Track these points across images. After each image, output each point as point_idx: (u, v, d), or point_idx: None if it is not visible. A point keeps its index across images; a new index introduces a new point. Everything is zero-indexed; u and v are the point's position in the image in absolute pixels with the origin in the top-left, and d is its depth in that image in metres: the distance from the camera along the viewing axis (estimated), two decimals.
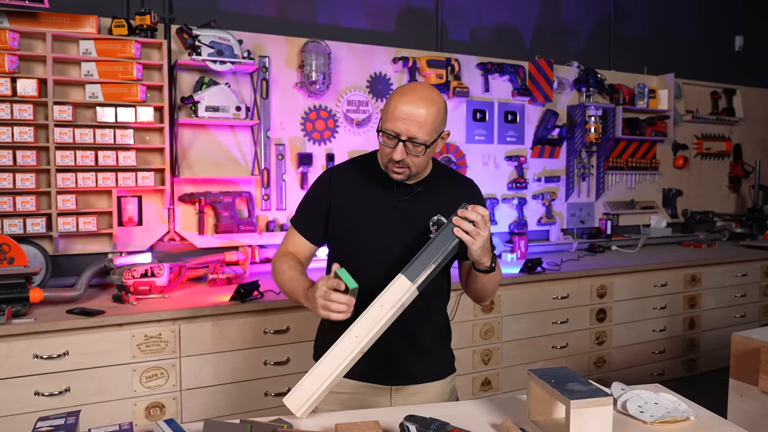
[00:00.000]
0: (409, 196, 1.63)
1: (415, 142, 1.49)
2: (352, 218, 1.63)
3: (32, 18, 2.74)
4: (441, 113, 1.53)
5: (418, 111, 1.48)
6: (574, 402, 1.13)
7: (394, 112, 1.49)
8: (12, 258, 2.52)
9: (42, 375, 2.33)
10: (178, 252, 3.17)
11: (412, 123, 1.47)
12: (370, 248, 1.61)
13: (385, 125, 1.51)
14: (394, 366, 1.64)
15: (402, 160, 1.51)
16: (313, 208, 1.68)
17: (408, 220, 1.62)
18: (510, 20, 4.24)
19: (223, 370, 2.63)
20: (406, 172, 1.55)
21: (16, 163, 2.70)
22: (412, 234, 1.61)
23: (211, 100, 3.05)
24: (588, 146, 4.32)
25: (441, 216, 1.54)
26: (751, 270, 4.30)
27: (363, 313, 1.38)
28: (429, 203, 1.63)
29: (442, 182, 1.69)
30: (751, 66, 5.41)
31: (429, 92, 1.52)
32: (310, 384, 1.32)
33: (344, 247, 1.65)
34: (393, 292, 1.39)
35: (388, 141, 1.52)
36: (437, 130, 1.53)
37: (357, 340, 1.36)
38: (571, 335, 3.55)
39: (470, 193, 1.73)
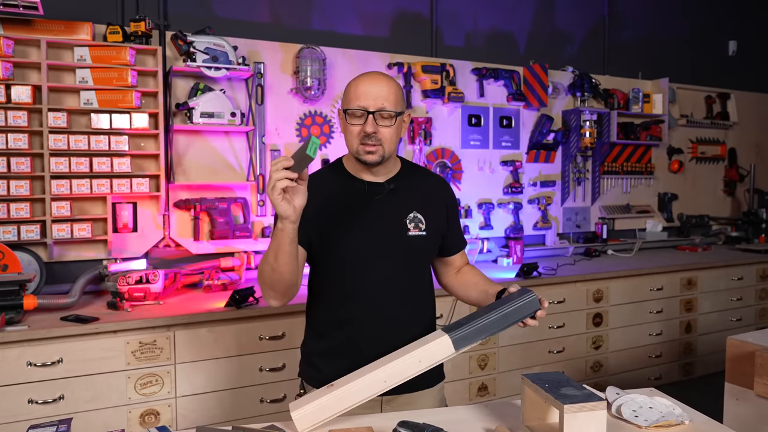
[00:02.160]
0: (382, 194, 1.62)
1: (383, 113, 1.51)
2: (327, 223, 1.59)
3: (26, 25, 2.74)
4: (400, 91, 1.58)
5: (380, 85, 1.53)
6: (567, 407, 1.13)
7: (357, 90, 1.53)
8: (6, 265, 2.51)
9: (36, 383, 2.32)
10: (174, 258, 3.16)
11: (378, 96, 1.51)
12: (349, 251, 1.59)
13: (351, 104, 1.53)
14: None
15: (374, 133, 1.51)
16: None
17: (384, 218, 1.61)
18: (504, 25, 4.26)
19: (218, 377, 2.62)
20: (379, 150, 1.54)
21: (11, 170, 2.70)
22: (390, 232, 1.60)
23: (206, 106, 3.05)
24: (583, 151, 4.33)
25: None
26: (746, 273, 4.30)
27: (397, 360, 1.35)
28: (403, 200, 1.63)
29: (412, 178, 1.69)
30: (745, 70, 5.44)
31: (384, 73, 1.60)
32: (325, 408, 1.30)
33: (321, 251, 1.61)
34: (434, 351, 1.35)
35: (356, 120, 1.53)
36: (401, 105, 1.56)
37: (384, 384, 1.33)
38: (568, 339, 3.55)
39: (442, 190, 1.74)
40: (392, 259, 1.60)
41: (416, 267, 1.68)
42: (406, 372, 1.32)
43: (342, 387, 1.33)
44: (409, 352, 1.36)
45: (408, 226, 1.61)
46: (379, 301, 1.59)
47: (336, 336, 1.63)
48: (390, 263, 1.59)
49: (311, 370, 1.68)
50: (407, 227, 1.61)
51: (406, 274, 1.63)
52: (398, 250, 1.60)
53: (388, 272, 1.59)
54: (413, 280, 1.67)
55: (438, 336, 1.37)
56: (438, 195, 1.71)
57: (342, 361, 1.60)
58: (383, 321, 1.60)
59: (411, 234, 1.60)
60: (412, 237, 1.61)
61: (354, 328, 1.60)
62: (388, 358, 1.39)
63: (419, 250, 1.65)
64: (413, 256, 1.64)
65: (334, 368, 1.60)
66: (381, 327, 1.60)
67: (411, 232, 1.60)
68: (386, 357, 1.40)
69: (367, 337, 1.59)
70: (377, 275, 1.58)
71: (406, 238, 1.60)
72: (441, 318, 3.10)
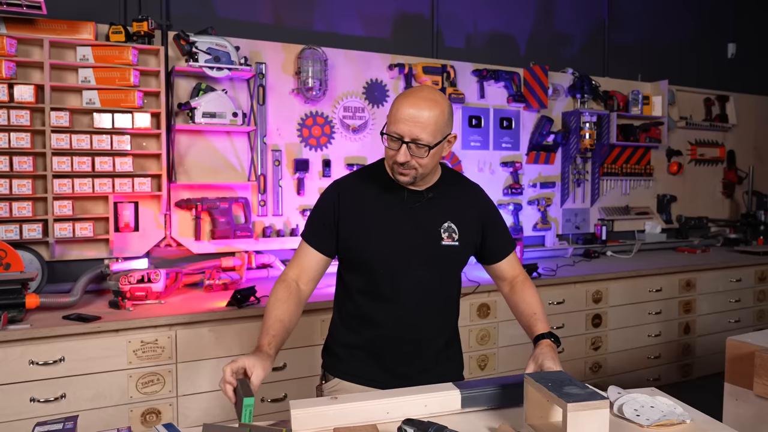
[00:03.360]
0: (421, 202, 1.63)
1: (418, 144, 1.49)
2: (363, 228, 1.62)
3: (29, 24, 2.75)
4: (445, 115, 1.53)
5: (420, 113, 1.48)
6: (571, 405, 1.14)
7: (397, 114, 1.50)
8: (8, 264, 2.52)
9: (38, 381, 2.32)
10: (175, 258, 3.17)
11: (415, 125, 1.48)
12: (384, 257, 1.61)
13: (389, 128, 1.52)
14: (402, 373, 1.64)
15: (406, 162, 1.51)
16: (322, 221, 1.66)
17: (420, 226, 1.62)
18: (505, 27, 4.27)
19: (219, 376, 2.60)
20: (412, 173, 1.55)
21: (13, 169, 2.70)
22: (424, 241, 1.62)
23: (208, 106, 3.06)
24: (583, 152, 4.34)
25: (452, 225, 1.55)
26: (745, 275, 4.32)
27: (405, 397, 1.38)
28: (440, 209, 1.64)
29: (450, 187, 1.70)
30: (744, 73, 5.46)
31: (432, 94, 1.53)
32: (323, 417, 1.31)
33: (358, 258, 1.64)
34: (441, 402, 1.40)
35: (392, 144, 1.53)
36: (441, 132, 1.53)
37: (386, 415, 1.35)
38: (567, 340, 3.56)
39: (476, 199, 1.75)
40: (425, 267, 1.62)
41: (447, 276, 1.70)
42: (410, 411, 1.34)
43: (345, 403, 1.35)
44: (419, 394, 1.40)
45: (442, 236, 1.62)
46: (410, 307, 1.62)
47: (363, 334, 1.66)
48: (422, 271, 1.62)
49: (334, 361, 1.72)
50: (441, 237, 1.62)
51: (437, 282, 1.66)
52: (432, 258, 1.63)
53: (420, 280, 1.62)
54: (443, 289, 1.70)
55: (449, 389, 1.42)
56: (473, 205, 1.72)
57: (364, 358, 1.66)
58: (411, 327, 1.63)
59: (444, 244, 1.62)
60: (446, 246, 1.63)
61: (382, 330, 1.64)
62: (397, 392, 1.42)
63: (451, 260, 1.67)
64: (445, 265, 1.67)
65: (356, 363, 1.67)
66: (408, 332, 1.63)
67: (444, 242, 1.62)
68: (396, 390, 1.44)
69: (392, 339, 1.64)
70: (409, 282, 1.61)
71: (440, 248, 1.62)
72: None
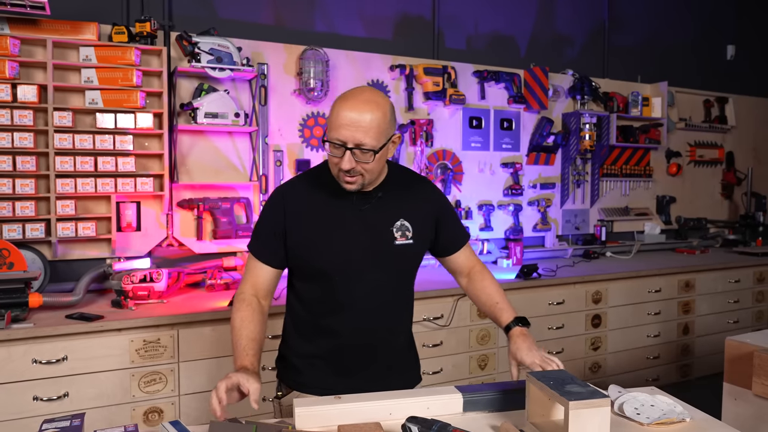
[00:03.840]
0: (370, 203, 1.57)
1: (362, 149, 1.43)
2: (312, 236, 1.55)
3: (33, 25, 2.76)
4: (387, 116, 1.46)
5: (362, 116, 1.41)
6: (572, 403, 1.15)
7: (338, 119, 1.42)
8: (11, 263, 2.53)
9: (41, 380, 2.34)
10: (176, 257, 3.18)
11: (357, 129, 1.41)
12: (336, 264, 1.55)
13: (330, 135, 1.45)
14: (364, 380, 1.58)
15: (351, 168, 1.44)
16: (271, 232, 1.59)
17: (371, 228, 1.56)
18: (505, 29, 4.29)
19: (221, 375, 2.60)
20: (359, 180, 1.48)
21: (16, 169, 2.72)
22: (377, 242, 1.56)
23: (210, 106, 3.07)
24: (583, 153, 4.36)
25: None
26: (743, 276, 4.34)
27: (408, 398, 1.39)
28: (391, 208, 1.59)
29: (400, 185, 1.63)
30: (743, 75, 5.48)
31: (373, 95, 1.46)
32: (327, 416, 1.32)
33: (308, 267, 1.58)
34: (443, 404, 1.41)
35: (335, 151, 1.45)
36: (385, 135, 1.46)
37: (389, 416, 1.35)
38: (567, 341, 3.58)
39: (430, 195, 1.69)
40: (380, 269, 1.57)
41: (403, 276, 1.66)
42: (413, 413, 1.34)
43: (349, 403, 1.36)
44: (421, 396, 1.41)
45: (395, 235, 1.57)
46: (367, 312, 1.57)
47: (320, 344, 1.61)
48: (378, 274, 1.57)
49: (292, 373, 1.66)
50: (394, 236, 1.57)
51: (393, 284, 1.62)
52: (386, 260, 1.57)
53: (376, 284, 1.57)
54: (400, 289, 1.66)
55: (452, 392, 1.43)
56: (425, 200, 1.67)
57: (324, 367, 1.60)
58: (370, 332, 1.59)
59: (398, 243, 1.58)
60: (400, 246, 1.58)
61: (339, 339, 1.58)
62: (400, 393, 1.43)
63: (406, 259, 1.63)
64: (401, 265, 1.62)
65: (315, 374, 1.61)
66: (367, 337, 1.59)
67: (398, 241, 1.58)
68: (399, 392, 1.45)
69: (352, 346, 1.59)
70: (364, 287, 1.56)
71: (394, 248, 1.57)
72: (442, 318, 3.14)
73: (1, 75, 2.66)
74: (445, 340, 3.16)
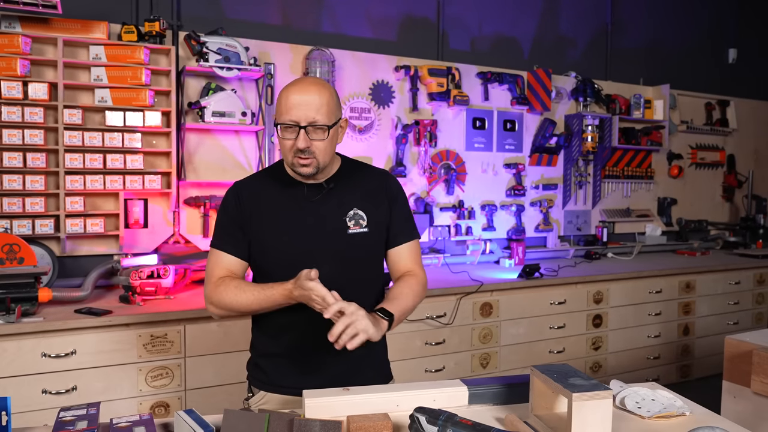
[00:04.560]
0: (321, 194, 1.58)
1: (315, 126, 1.47)
2: (265, 230, 1.56)
3: (44, 23, 2.80)
4: (334, 97, 1.52)
5: (310, 96, 1.47)
6: (576, 395, 1.18)
7: (287, 102, 1.47)
8: (22, 258, 2.56)
9: (50, 373, 2.37)
10: (183, 254, 3.21)
11: (309, 107, 1.46)
12: (289, 256, 1.54)
13: (282, 117, 1.48)
14: (329, 379, 1.51)
15: (307, 148, 1.47)
16: (230, 224, 1.58)
17: (323, 219, 1.57)
18: (509, 31, 4.32)
19: (226, 371, 2.67)
20: (313, 163, 1.50)
21: (26, 165, 2.76)
22: (330, 232, 1.57)
23: (218, 105, 3.11)
24: (585, 155, 4.40)
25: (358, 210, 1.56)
26: (744, 278, 4.37)
27: (414, 390, 1.40)
28: (342, 198, 1.59)
29: (353, 175, 1.64)
30: (745, 78, 5.51)
31: (316, 80, 1.53)
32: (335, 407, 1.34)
33: (263, 260, 1.58)
34: (449, 397, 1.42)
35: (288, 133, 1.48)
36: (335, 114, 1.51)
37: (396, 408, 1.36)
38: (568, 340, 3.61)
39: (383, 181, 1.68)
40: (335, 259, 1.55)
41: (360, 265, 1.62)
42: (419, 405, 1.33)
43: (357, 394, 1.38)
44: (428, 389, 1.42)
45: (348, 224, 1.57)
46: None
47: (281, 340, 1.60)
48: (332, 264, 1.53)
49: (258, 373, 1.65)
50: (347, 225, 1.57)
51: (350, 273, 1.58)
52: (340, 249, 1.57)
53: (331, 273, 1.49)
54: (358, 278, 1.61)
55: (457, 385, 1.44)
56: (379, 188, 1.66)
57: (288, 364, 1.60)
58: (329, 324, 1.50)
59: (351, 232, 1.57)
60: (353, 235, 1.58)
61: (298, 332, 1.57)
62: (408, 386, 1.44)
63: (361, 248, 1.60)
64: (355, 254, 1.60)
65: (281, 371, 1.60)
66: (326, 329, 1.49)
67: (351, 230, 1.58)
68: (406, 384, 1.46)
69: (311, 342, 1.56)
70: (321, 278, 1.46)
71: (347, 237, 1.57)
72: (444, 316, 3.17)
73: (13, 73, 2.70)
74: (448, 339, 3.19)
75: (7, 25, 2.74)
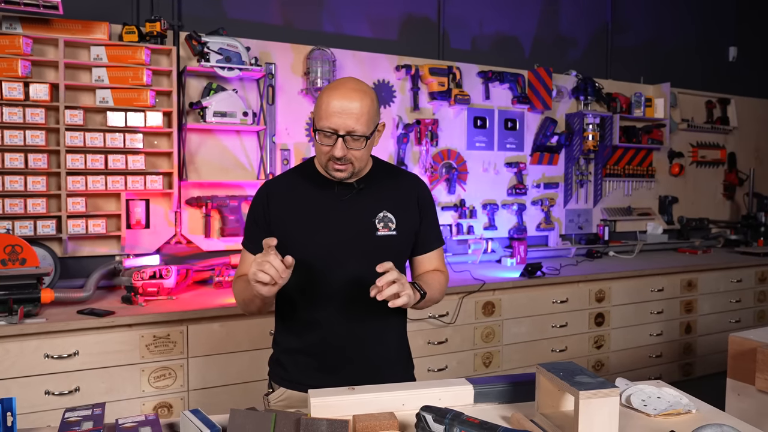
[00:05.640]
0: (352, 194, 1.58)
1: (354, 136, 1.46)
2: (294, 226, 1.57)
3: (45, 24, 2.80)
4: (375, 104, 1.50)
5: (352, 104, 1.44)
6: (582, 393, 1.18)
7: (328, 108, 1.45)
8: (24, 259, 2.56)
9: (52, 374, 2.37)
10: (185, 255, 3.21)
11: (349, 116, 1.44)
12: (317, 254, 1.55)
13: (321, 123, 1.47)
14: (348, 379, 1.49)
15: (344, 156, 1.47)
16: (257, 226, 1.61)
17: (352, 218, 1.57)
18: (510, 30, 4.32)
19: (229, 371, 2.67)
20: (349, 168, 1.51)
21: (28, 166, 2.75)
22: (359, 233, 1.57)
23: (219, 105, 3.10)
24: (586, 153, 4.40)
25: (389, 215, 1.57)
26: (745, 276, 4.37)
27: (420, 389, 1.40)
28: (373, 200, 1.60)
29: (385, 178, 1.65)
30: (745, 76, 5.51)
31: (359, 85, 1.50)
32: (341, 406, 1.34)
33: (291, 255, 1.52)
34: (455, 395, 1.42)
35: (325, 140, 1.47)
36: (373, 122, 1.50)
37: (401, 407, 1.36)
38: (570, 339, 3.61)
39: (415, 187, 1.69)
40: (361, 260, 1.55)
41: None
42: (425, 403, 1.34)
43: (362, 393, 1.38)
44: (433, 387, 1.42)
45: (377, 226, 1.57)
46: (349, 303, 1.56)
47: (304, 337, 1.61)
48: (359, 265, 1.55)
49: (279, 369, 1.66)
50: (376, 227, 1.57)
51: (375, 274, 1.55)
52: (367, 251, 1.57)
53: (358, 274, 1.54)
54: None
55: (463, 384, 1.44)
56: (410, 193, 1.67)
57: (308, 363, 1.60)
58: (353, 326, 1.57)
59: (380, 234, 1.58)
60: (381, 237, 1.58)
61: (323, 330, 1.58)
62: (411, 385, 1.45)
63: (389, 251, 1.59)
64: (383, 256, 1.54)
65: (302, 369, 1.60)
66: (350, 331, 1.57)
67: (380, 232, 1.58)
68: (411, 383, 1.46)
69: (335, 341, 1.58)
70: (346, 277, 1.55)
71: (375, 239, 1.57)
72: (447, 315, 3.17)
73: (14, 74, 2.69)
74: (450, 338, 3.19)
75: (8, 25, 2.74)
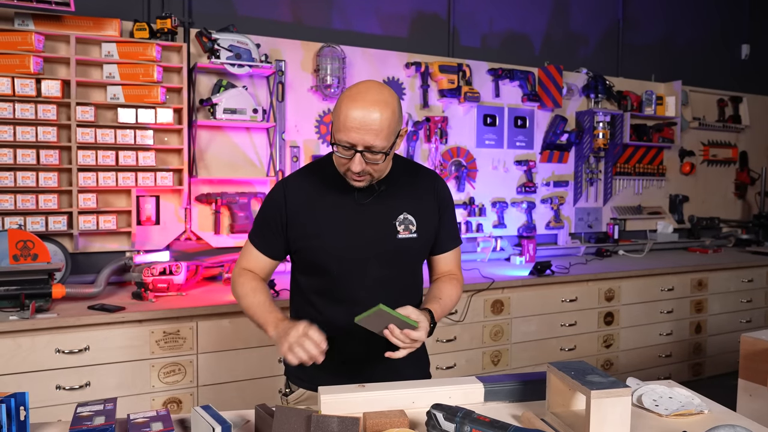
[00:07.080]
0: (372, 197, 1.53)
1: (372, 151, 1.39)
2: (313, 229, 1.53)
3: (57, 21, 2.81)
4: (396, 114, 1.42)
5: (371, 117, 1.36)
6: (594, 392, 1.18)
7: (346, 121, 1.37)
8: (35, 254, 2.58)
9: (63, 369, 2.39)
10: (194, 251, 3.22)
11: (367, 132, 1.36)
12: (338, 257, 1.52)
13: (339, 136, 1.39)
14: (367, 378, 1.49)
15: (362, 170, 1.42)
16: (269, 224, 1.58)
17: (373, 222, 1.54)
18: (520, 27, 4.30)
19: (239, 367, 2.68)
20: (367, 179, 1.46)
21: (40, 162, 2.77)
22: (379, 236, 1.54)
23: (229, 102, 3.11)
24: (596, 152, 4.37)
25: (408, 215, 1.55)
26: (756, 276, 4.33)
27: (430, 387, 1.40)
28: (394, 202, 1.56)
29: (404, 178, 1.60)
30: (757, 74, 5.46)
31: (380, 94, 1.40)
32: (350, 403, 1.35)
33: (310, 260, 1.56)
34: (465, 394, 1.42)
35: (344, 152, 1.40)
36: (394, 132, 1.43)
37: (412, 404, 1.36)
38: (579, 338, 3.59)
39: (434, 186, 1.65)
40: (382, 263, 1.54)
41: (407, 270, 1.63)
42: (435, 401, 1.34)
43: (373, 391, 1.38)
44: (444, 386, 1.42)
45: (398, 229, 1.54)
46: (369, 305, 1.47)
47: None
48: (380, 268, 1.54)
49: (297, 370, 1.62)
50: (397, 230, 1.54)
51: (397, 277, 1.58)
52: (388, 253, 1.54)
53: (379, 277, 1.54)
54: (404, 283, 1.62)
55: (473, 382, 1.44)
56: (429, 192, 1.63)
57: (328, 363, 1.54)
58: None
59: (401, 237, 1.54)
60: (402, 240, 1.55)
61: (342, 333, 1.54)
62: (421, 383, 1.45)
63: (410, 253, 1.58)
64: (404, 259, 1.58)
65: (319, 369, 1.55)
66: (369, 333, 1.51)
67: (401, 235, 1.54)
68: (420, 381, 1.46)
69: (356, 341, 1.55)
70: (367, 280, 1.53)
71: (396, 241, 1.54)
72: (455, 314, 3.16)
73: (26, 70, 2.71)
74: (459, 336, 3.19)
75: (20, 22, 2.75)
